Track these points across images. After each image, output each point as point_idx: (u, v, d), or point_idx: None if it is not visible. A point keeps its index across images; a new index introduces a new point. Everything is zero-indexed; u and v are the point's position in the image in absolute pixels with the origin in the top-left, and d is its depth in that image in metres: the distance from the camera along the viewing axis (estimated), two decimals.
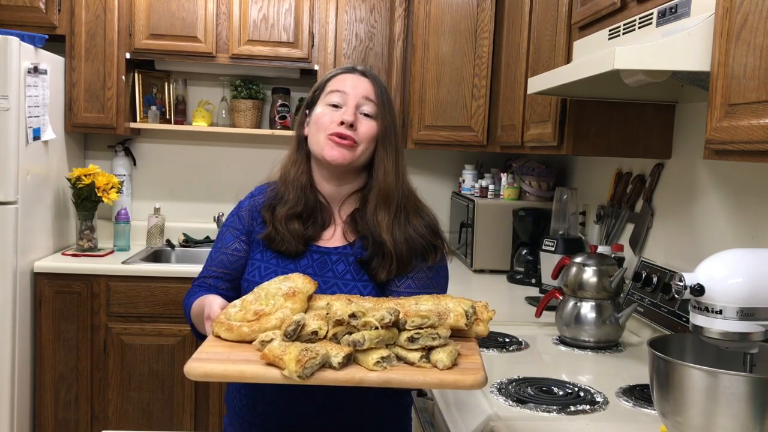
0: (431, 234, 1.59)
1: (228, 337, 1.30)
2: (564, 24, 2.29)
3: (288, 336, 1.22)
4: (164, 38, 3.44)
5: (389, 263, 1.52)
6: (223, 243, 1.64)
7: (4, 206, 2.94)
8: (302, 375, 1.14)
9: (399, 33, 3.52)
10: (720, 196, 2.03)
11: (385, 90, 1.63)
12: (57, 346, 3.16)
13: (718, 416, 1.17)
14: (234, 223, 1.66)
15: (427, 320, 1.24)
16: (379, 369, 1.18)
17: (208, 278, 1.63)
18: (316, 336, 1.24)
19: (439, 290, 1.59)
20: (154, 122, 3.64)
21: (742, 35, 1.27)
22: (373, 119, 1.57)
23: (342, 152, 1.54)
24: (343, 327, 1.24)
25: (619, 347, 2.14)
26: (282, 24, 3.50)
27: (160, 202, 3.77)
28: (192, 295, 1.60)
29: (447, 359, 1.20)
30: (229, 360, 1.21)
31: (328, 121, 1.55)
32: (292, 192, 1.59)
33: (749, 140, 1.24)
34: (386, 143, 1.58)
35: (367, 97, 1.57)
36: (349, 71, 1.62)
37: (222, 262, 1.62)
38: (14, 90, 2.91)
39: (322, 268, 1.55)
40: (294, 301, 1.32)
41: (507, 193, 3.40)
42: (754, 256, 1.24)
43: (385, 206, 1.56)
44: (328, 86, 1.60)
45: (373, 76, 1.64)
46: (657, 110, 2.28)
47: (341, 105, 1.56)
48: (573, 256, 2.23)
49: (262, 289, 1.38)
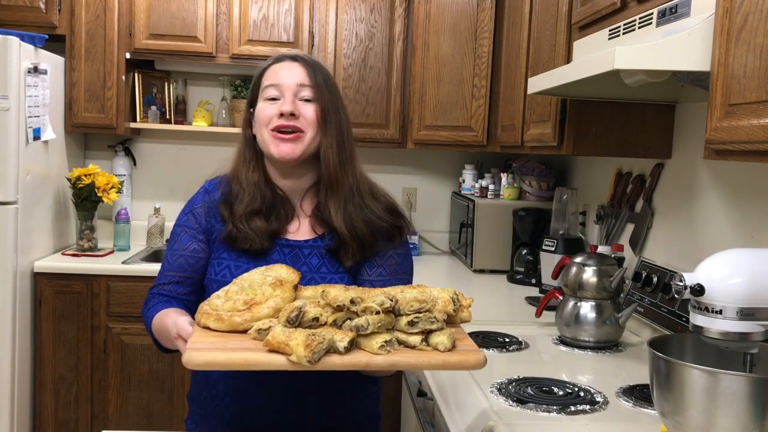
0: (391, 215, 1.58)
1: (218, 328, 1.28)
2: (564, 24, 2.29)
3: (290, 322, 1.22)
4: (164, 38, 3.44)
5: (349, 248, 1.51)
6: (180, 245, 1.58)
7: (4, 206, 2.93)
8: (311, 360, 1.14)
9: (399, 33, 3.52)
10: (720, 196, 2.03)
11: (320, 70, 1.58)
12: (57, 346, 3.16)
13: (718, 416, 1.17)
14: (189, 222, 1.60)
15: (425, 304, 1.27)
16: (384, 352, 1.20)
17: (167, 285, 1.57)
18: (317, 322, 1.24)
19: (408, 274, 1.60)
20: (154, 122, 3.64)
21: (742, 35, 1.27)
22: (313, 103, 1.54)
23: (289, 146, 1.52)
24: (343, 313, 1.25)
25: (619, 347, 2.14)
26: (282, 24, 3.50)
27: (160, 202, 3.77)
28: (151, 308, 1.55)
29: (447, 341, 1.23)
30: (227, 349, 1.19)
31: (268, 115, 1.53)
32: (247, 190, 1.56)
33: (749, 140, 1.24)
34: (327, 125, 1.54)
35: (301, 84, 1.54)
36: (279, 60, 1.59)
37: (181, 265, 1.57)
38: (14, 90, 2.91)
39: (295, 262, 1.53)
40: (283, 290, 1.32)
41: (507, 193, 3.40)
42: (754, 256, 1.24)
43: (333, 192, 1.54)
44: (263, 81, 1.58)
45: (306, 59, 1.59)
46: (657, 110, 2.28)
47: (279, 97, 1.54)
48: (573, 256, 2.23)
49: (245, 280, 1.36)
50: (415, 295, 1.32)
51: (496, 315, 2.52)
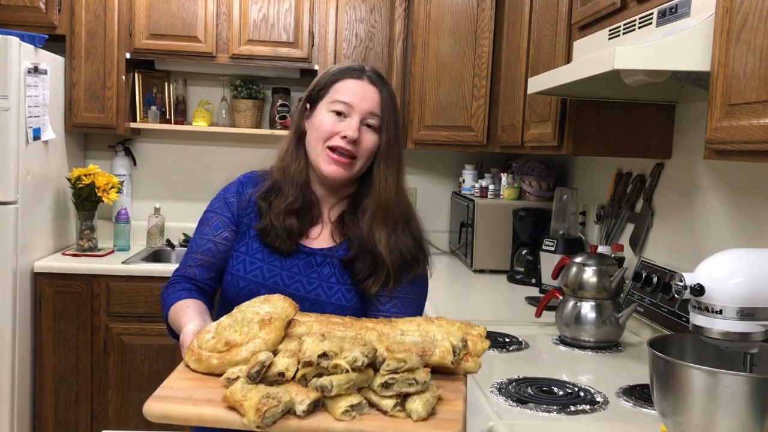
0: (416, 246, 1.56)
1: (197, 369, 1.23)
2: (564, 24, 2.29)
3: (251, 378, 1.12)
4: (164, 38, 3.44)
5: (383, 278, 1.49)
6: (211, 230, 1.57)
7: (4, 206, 2.94)
8: (261, 425, 1.06)
9: (399, 33, 3.52)
10: (720, 196, 2.03)
11: (391, 99, 1.56)
12: (57, 346, 3.16)
13: (718, 416, 1.17)
14: (222, 209, 1.59)
15: (403, 364, 1.11)
16: (347, 419, 1.08)
17: (193, 267, 1.55)
18: (282, 377, 1.13)
19: (419, 305, 1.57)
20: (154, 122, 3.64)
21: (742, 35, 1.27)
22: (377, 133, 1.52)
23: (339, 169, 1.50)
24: (312, 368, 1.12)
25: (619, 347, 2.14)
26: (282, 24, 3.50)
27: (160, 202, 3.77)
28: (171, 294, 1.53)
29: (422, 410, 1.08)
30: (191, 399, 1.14)
31: (329, 131, 1.50)
32: (291, 188, 1.55)
33: (749, 140, 1.24)
34: (389, 157, 1.54)
35: (372, 112, 1.51)
36: (357, 76, 1.54)
37: (210, 250, 1.55)
38: (14, 90, 2.91)
39: (307, 269, 1.52)
40: (268, 330, 1.22)
41: (507, 193, 3.40)
42: (754, 256, 1.24)
43: (384, 221, 1.52)
44: (333, 90, 1.54)
45: (381, 82, 1.56)
46: (657, 110, 2.28)
47: (346, 114, 1.51)
48: (573, 256, 2.23)
49: (241, 311, 1.30)
50: (416, 339, 1.23)
51: (496, 315, 2.52)
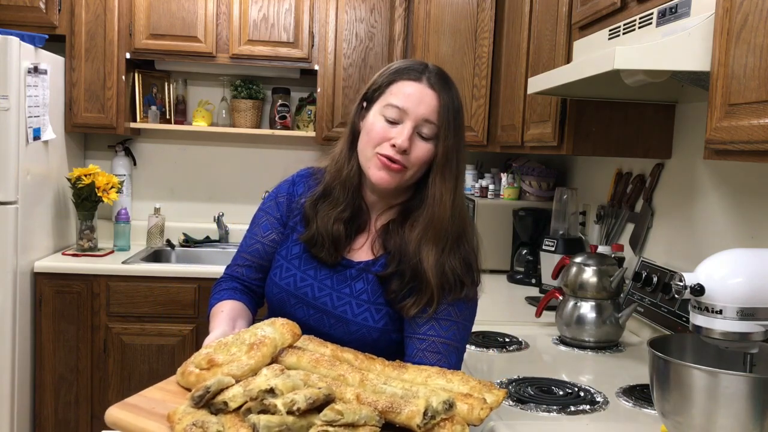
0: (464, 267, 1.42)
1: (179, 382, 1.22)
2: (564, 24, 2.29)
3: (194, 401, 1.10)
4: (164, 38, 3.45)
5: (424, 300, 1.38)
6: (260, 230, 1.54)
7: (4, 206, 2.93)
8: None
9: (399, 33, 3.52)
10: (720, 196, 2.03)
11: (452, 104, 1.43)
12: (57, 346, 3.16)
13: (718, 416, 1.17)
14: (272, 209, 1.55)
15: (340, 417, 1.04)
16: None
17: (240, 267, 1.55)
18: (226, 407, 1.11)
19: (461, 328, 1.42)
20: (154, 122, 3.64)
21: (742, 35, 1.27)
22: (431, 142, 1.41)
23: (387, 177, 1.40)
24: (256, 402, 1.08)
25: (619, 347, 2.14)
26: (282, 24, 3.51)
27: (160, 202, 3.77)
28: (218, 292, 1.53)
29: None
30: (151, 413, 1.13)
31: (379, 136, 1.40)
32: (342, 193, 1.47)
33: (749, 140, 1.24)
34: (445, 169, 1.41)
35: (427, 120, 1.40)
36: (416, 78, 1.42)
37: (257, 251, 1.53)
38: (14, 90, 2.91)
39: (340, 282, 1.46)
40: (251, 355, 1.20)
41: (507, 193, 3.40)
42: (754, 256, 1.24)
43: (435, 239, 1.40)
44: (389, 91, 1.43)
45: (442, 86, 1.44)
46: (657, 110, 2.28)
47: (398, 121, 1.40)
48: (573, 256, 2.23)
49: (247, 330, 1.28)
50: (396, 391, 1.16)
51: (496, 315, 2.52)
